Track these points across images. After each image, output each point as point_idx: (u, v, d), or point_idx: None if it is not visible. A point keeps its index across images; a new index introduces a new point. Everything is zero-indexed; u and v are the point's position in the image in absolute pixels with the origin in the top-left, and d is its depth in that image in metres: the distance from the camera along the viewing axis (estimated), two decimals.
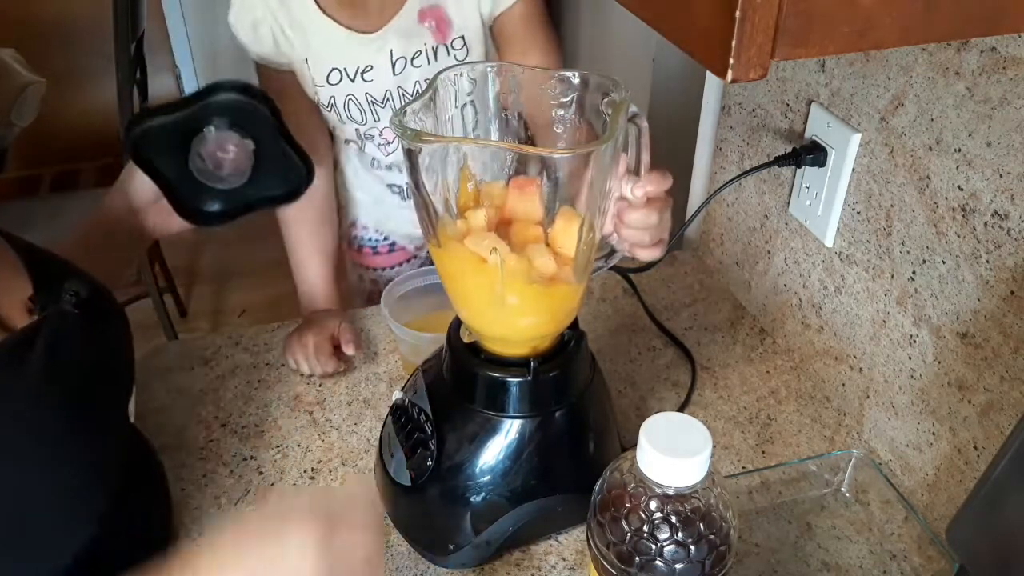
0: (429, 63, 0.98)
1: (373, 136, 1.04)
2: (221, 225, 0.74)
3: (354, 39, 0.95)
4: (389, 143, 1.05)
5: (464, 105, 0.64)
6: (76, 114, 2.66)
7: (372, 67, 0.96)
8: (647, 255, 0.67)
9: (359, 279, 1.22)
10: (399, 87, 0.99)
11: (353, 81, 0.97)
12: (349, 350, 0.90)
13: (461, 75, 0.63)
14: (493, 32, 1.00)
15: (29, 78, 1.82)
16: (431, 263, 1.23)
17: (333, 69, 0.96)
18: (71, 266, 0.66)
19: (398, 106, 1.00)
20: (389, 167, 1.09)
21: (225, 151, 0.69)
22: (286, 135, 0.73)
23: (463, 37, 0.97)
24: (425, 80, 0.99)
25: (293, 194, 0.75)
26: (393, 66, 0.97)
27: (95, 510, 0.57)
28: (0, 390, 0.54)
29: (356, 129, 1.03)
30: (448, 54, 0.98)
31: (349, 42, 0.95)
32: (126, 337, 0.68)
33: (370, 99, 0.99)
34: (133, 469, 0.67)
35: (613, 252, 0.68)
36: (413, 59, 0.97)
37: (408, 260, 1.21)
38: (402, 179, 1.10)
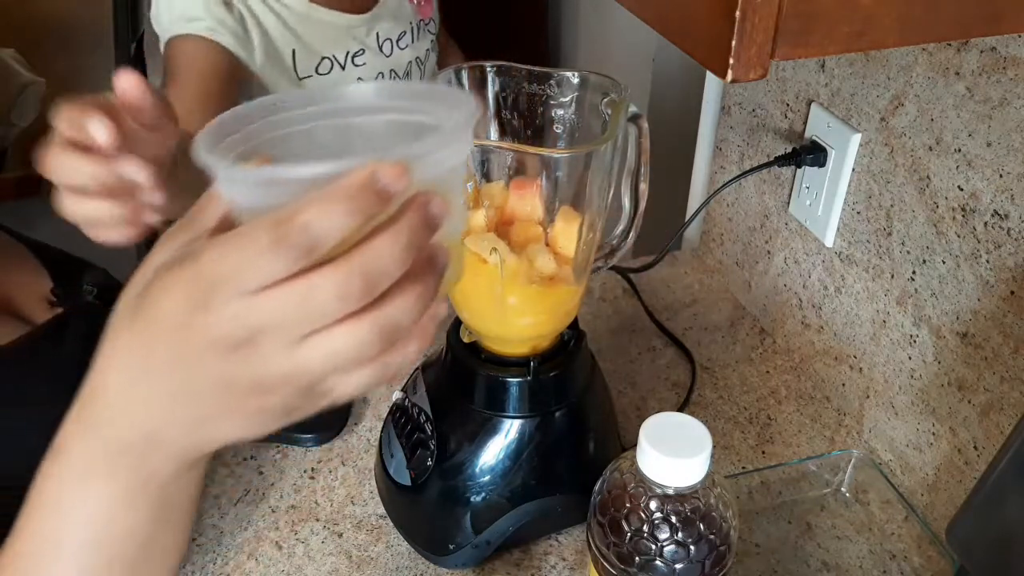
0: (413, 41, 0.97)
1: None
2: None
3: (344, 21, 0.92)
4: None
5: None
6: None
7: (363, 50, 0.94)
8: None
9: None
10: (391, 70, 0.97)
11: (344, 68, 0.94)
12: None
13: (461, 73, 0.63)
14: None
15: (29, 78, 1.82)
16: None
17: (323, 59, 0.93)
18: (85, 261, 0.70)
19: None
20: None
21: None
22: None
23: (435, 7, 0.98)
24: (416, 59, 0.98)
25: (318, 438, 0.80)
26: (381, 47, 0.95)
27: None
28: (36, 376, 0.59)
29: None
30: (423, 29, 0.97)
31: (339, 26, 0.92)
32: None
33: None
34: None
35: (613, 252, 0.68)
36: (399, 40, 0.95)
37: None
38: None
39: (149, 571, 0.40)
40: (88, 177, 0.38)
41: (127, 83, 0.38)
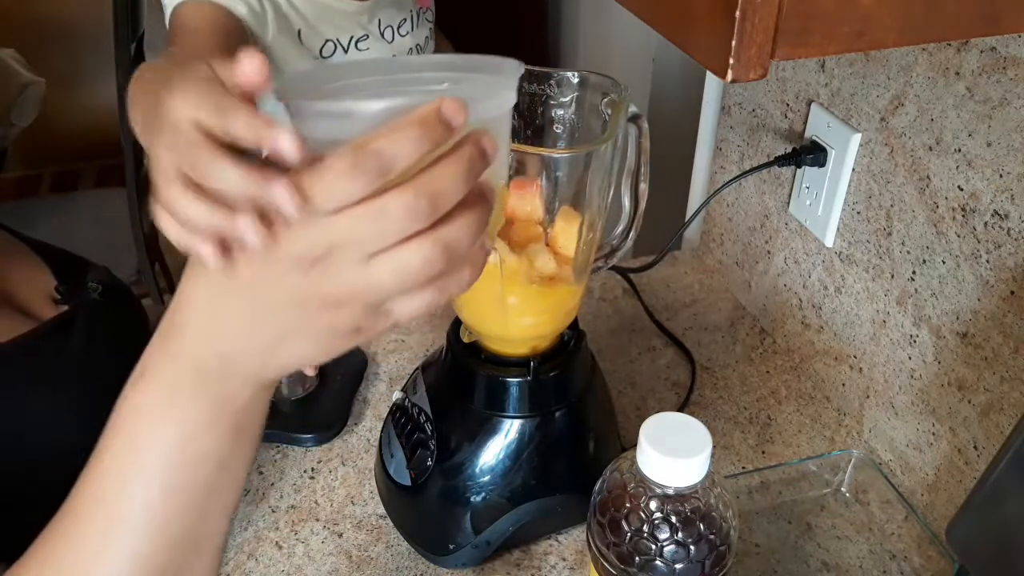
0: (413, 29, 0.98)
1: None
2: None
3: (348, 7, 0.92)
4: None
5: None
6: (76, 114, 2.66)
7: (367, 36, 0.95)
8: None
9: None
10: (393, 55, 0.98)
11: (347, 52, 0.95)
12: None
13: None
14: None
15: (29, 78, 1.82)
16: None
17: (327, 41, 0.94)
18: (87, 260, 0.73)
19: None
20: None
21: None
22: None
23: None
24: (416, 46, 0.99)
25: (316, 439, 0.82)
26: (382, 34, 0.96)
27: None
28: (42, 371, 0.61)
29: None
30: (422, 17, 0.98)
31: (343, 12, 0.92)
32: (145, 322, 0.75)
33: None
34: None
35: (613, 252, 0.68)
36: (399, 27, 0.96)
37: None
38: None
39: (222, 494, 0.42)
40: (235, 188, 0.35)
41: (252, 68, 0.36)
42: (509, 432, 0.65)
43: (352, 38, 0.94)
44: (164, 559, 0.41)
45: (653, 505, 0.51)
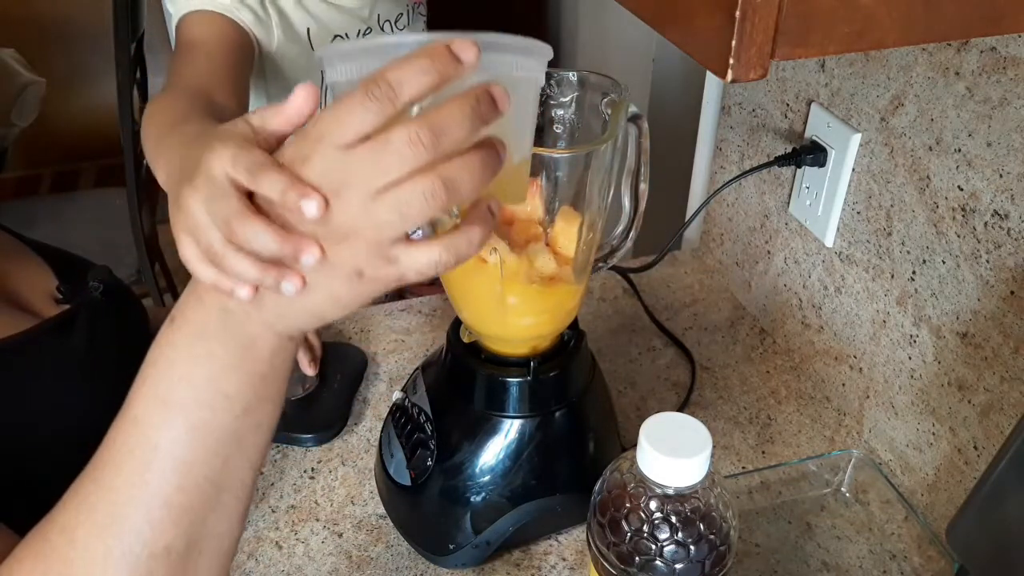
0: (409, 23, 1.01)
1: None
2: None
3: (350, 3, 0.95)
4: None
5: None
6: (76, 114, 2.66)
7: (371, 29, 0.99)
8: None
9: None
10: None
11: None
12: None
13: None
14: None
15: (29, 78, 1.82)
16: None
17: (335, 36, 0.96)
18: (87, 260, 0.74)
19: None
20: None
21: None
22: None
23: None
24: None
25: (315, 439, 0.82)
26: (382, 28, 0.99)
27: None
28: (43, 368, 0.63)
29: None
30: (415, 12, 1.02)
31: (347, 8, 0.96)
32: (146, 321, 0.77)
33: None
34: None
35: (613, 252, 0.69)
36: (396, 21, 0.99)
37: None
38: None
39: (246, 442, 0.44)
40: (268, 250, 0.38)
41: (304, 100, 0.39)
42: (509, 432, 0.65)
43: (359, 32, 0.97)
44: (187, 501, 0.42)
45: (653, 505, 0.51)
